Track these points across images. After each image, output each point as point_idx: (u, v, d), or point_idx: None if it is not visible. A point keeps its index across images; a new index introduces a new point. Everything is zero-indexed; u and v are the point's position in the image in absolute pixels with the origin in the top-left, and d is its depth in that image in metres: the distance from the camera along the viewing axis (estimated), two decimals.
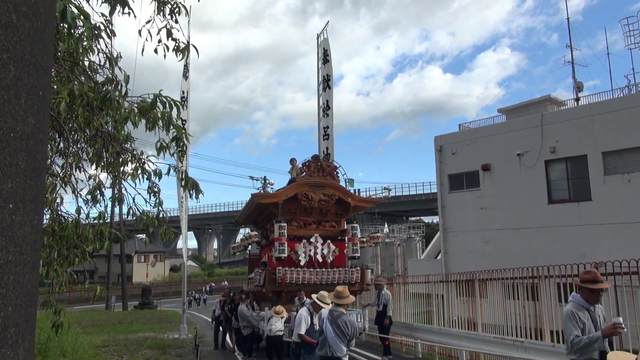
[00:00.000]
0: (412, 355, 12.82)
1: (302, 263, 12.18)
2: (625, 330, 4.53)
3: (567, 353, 4.93)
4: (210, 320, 21.13)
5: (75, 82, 4.10)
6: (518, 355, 8.81)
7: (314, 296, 7.62)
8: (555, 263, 9.61)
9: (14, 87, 1.41)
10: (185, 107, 16.64)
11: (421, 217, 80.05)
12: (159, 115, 4.29)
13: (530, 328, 9.60)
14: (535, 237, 18.53)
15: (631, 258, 8.06)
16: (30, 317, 1.45)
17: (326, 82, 16.15)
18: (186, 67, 17.30)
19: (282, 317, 10.77)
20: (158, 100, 4.18)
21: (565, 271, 9.09)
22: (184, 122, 16.17)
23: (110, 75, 4.32)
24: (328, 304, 6.97)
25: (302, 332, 7.21)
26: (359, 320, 12.51)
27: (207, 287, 43.18)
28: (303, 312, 7.60)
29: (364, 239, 15.06)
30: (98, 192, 4.77)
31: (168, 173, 4.57)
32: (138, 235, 63.30)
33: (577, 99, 22.85)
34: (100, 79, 4.44)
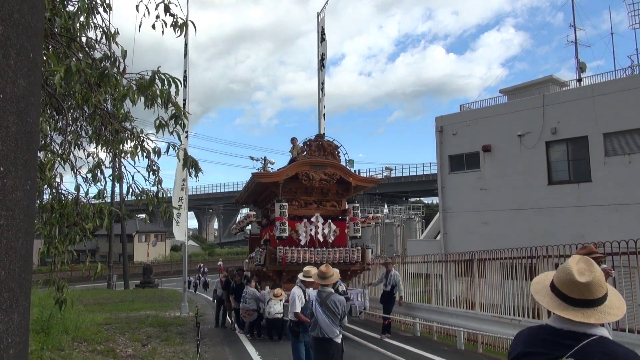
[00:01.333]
0: (411, 334, 12.95)
1: (302, 242, 12.21)
2: (614, 274, 4.59)
3: None
4: (211, 299, 21.32)
5: (73, 59, 4.04)
6: (515, 333, 8.88)
7: (299, 275, 7.69)
8: (554, 244, 9.63)
9: (2, 47, 1.37)
10: (184, 86, 16.51)
11: (421, 198, 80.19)
12: (158, 92, 4.25)
13: (527, 308, 9.67)
14: (535, 218, 18.57)
15: (629, 238, 8.07)
16: (24, 282, 1.44)
17: (321, 62, 15.99)
18: (186, 45, 17.12)
19: (280, 300, 10.83)
20: (156, 77, 4.13)
21: (564, 251, 9.11)
22: (184, 101, 16.06)
23: (108, 51, 4.26)
24: (311, 276, 7.27)
25: (298, 310, 7.24)
26: (359, 299, 12.60)
27: (202, 269, 41.55)
28: (296, 290, 7.60)
29: (366, 217, 15.09)
30: (98, 170, 4.75)
31: (167, 151, 4.54)
32: (139, 215, 63.63)
33: (580, 80, 22.68)
34: (97, 55, 4.38)
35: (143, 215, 65.57)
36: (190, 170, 4.47)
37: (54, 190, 4.39)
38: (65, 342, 9.81)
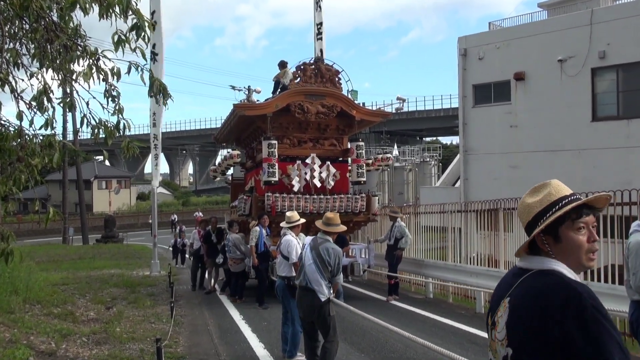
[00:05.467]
0: (422, 296, 13.29)
1: (295, 189, 12.28)
2: None
3: (634, 290, 5.07)
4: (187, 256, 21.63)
5: None
6: None
7: (282, 224, 7.97)
8: (595, 191, 9.70)
9: None
10: None
11: (438, 137, 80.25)
12: None
13: None
14: (574, 161, 18.65)
15: None
16: None
17: None
18: None
19: None
20: None
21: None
22: (153, 21, 15.59)
23: None
24: (299, 219, 7.85)
25: (295, 259, 7.33)
26: (363, 255, 12.81)
27: (179, 227, 38.04)
28: (291, 238, 7.69)
29: (370, 160, 15.07)
30: (44, 96, 4.66)
31: (129, 72, 4.44)
32: (97, 157, 63.65)
33: None
34: None
35: (101, 158, 65.61)
36: (158, 96, 4.40)
37: None
38: (15, 304, 10.03)
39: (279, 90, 13.23)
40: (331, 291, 6.29)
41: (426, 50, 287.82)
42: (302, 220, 7.97)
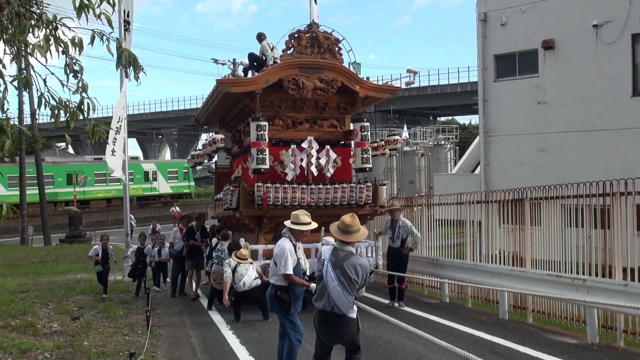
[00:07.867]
0: (437, 300, 13.32)
1: (289, 177, 12.26)
2: None
3: None
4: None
5: None
6: (578, 297, 9.13)
7: (287, 223, 7.49)
8: (637, 177, 9.69)
9: None
10: None
11: (454, 117, 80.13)
12: None
13: (596, 265, 9.90)
14: (612, 143, 18.64)
15: None
16: None
17: None
18: None
19: (250, 263, 10.79)
20: None
21: None
22: None
23: None
24: (309, 223, 7.29)
25: (290, 270, 7.13)
26: (369, 255, 12.79)
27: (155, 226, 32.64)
28: (285, 244, 7.26)
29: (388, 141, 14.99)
30: None
31: (92, 42, 4.42)
32: (59, 144, 63.47)
33: None
34: None
35: (64, 144, 65.44)
36: (128, 69, 4.38)
37: None
38: None
39: (256, 64, 13.18)
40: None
41: (442, 15, 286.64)
42: (314, 225, 7.41)
